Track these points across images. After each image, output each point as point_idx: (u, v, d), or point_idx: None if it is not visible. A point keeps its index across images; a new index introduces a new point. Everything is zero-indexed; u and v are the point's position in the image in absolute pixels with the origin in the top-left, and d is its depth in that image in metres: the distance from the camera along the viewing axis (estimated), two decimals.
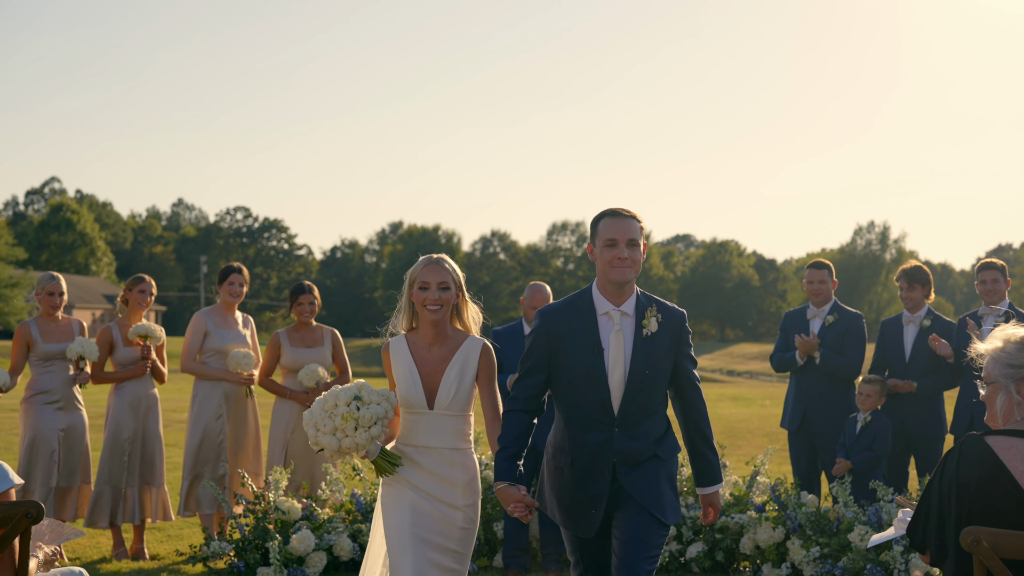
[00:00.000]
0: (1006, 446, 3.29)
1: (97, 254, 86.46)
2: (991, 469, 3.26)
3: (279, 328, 8.26)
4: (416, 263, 4.90)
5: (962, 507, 3.29)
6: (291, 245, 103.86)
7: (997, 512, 3.26)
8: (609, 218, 4.55)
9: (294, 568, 7.04)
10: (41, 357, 7.85)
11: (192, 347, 8.07)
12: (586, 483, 4.54)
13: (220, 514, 7.95)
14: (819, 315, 8.20)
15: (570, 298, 4.66)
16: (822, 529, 7.28)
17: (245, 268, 8.44)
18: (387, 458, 4.70)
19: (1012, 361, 3.36)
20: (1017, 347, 3.38)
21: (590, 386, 4.50)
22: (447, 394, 4.77)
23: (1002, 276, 7.66)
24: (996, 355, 3.41)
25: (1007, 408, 3.37)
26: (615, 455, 4.51)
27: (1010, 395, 3.36)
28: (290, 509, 7.22)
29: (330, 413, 4.55)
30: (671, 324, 4.58)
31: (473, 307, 4.99)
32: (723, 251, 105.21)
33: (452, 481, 4.77)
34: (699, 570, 7.47)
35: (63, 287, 8.03)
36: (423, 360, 4.84)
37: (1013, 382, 3.36)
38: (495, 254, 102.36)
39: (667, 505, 4.56)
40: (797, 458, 8.24)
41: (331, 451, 4.57)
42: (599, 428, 4.53)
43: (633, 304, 4.56)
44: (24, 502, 3.57)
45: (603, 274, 4.55)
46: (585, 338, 4.52)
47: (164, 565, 7.66)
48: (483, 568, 7.65)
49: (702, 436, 4.69)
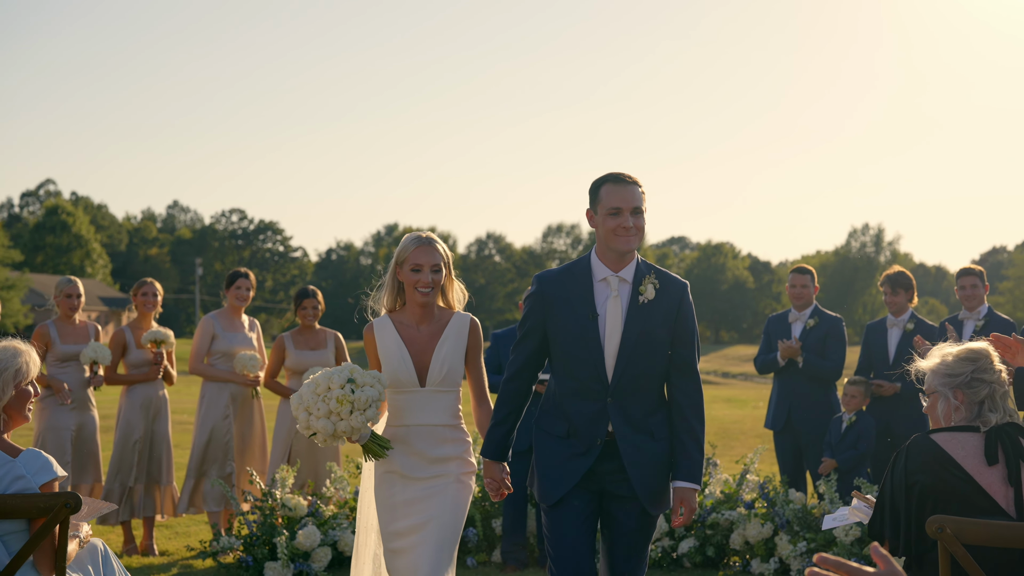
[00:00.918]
0: (948, 438, 3.74)
1: (92, 256, 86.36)
2: (937, 459, 3.68)
3: (275, 330, 8.53)
4: (405, 241, 4.82)
5: (915, 497, 3.69)
6: (286, 247, 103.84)
7: (947, 496, 3.63)
8: (612, 184, 4.38)
9: (300, 562, 7.29)
10: (58, 358, 8.11)
11: (200, 350, 8.33)
12: (577, 445, 4.39)
13: (227, 511, 8.22)
14: (800, 319, 8.51)
15: (568, 265, 4.52)
16: (809, 525, 7.54)
17: (252, 273, 8.71)
18: (377, 441, 4.64)
19: (949, 372, 3.85)
20: (955, 361, 3.86)
21: (584, 353, 4.36)
22: (439, 370, 4.73)
23: (980, 281, 7.95)
24: (936, 368, 3.89)
25: (947, 413, 3.84)
26: (610, 423, 4.36)
27: (948, 401, 3.84)
28: (296, 506, 7.48)
29: (323, 397, 4.45)
30: (670, 293, 4.40)
31: (458, 285, 4.94)
32: (718, 253, 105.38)
33: (444, 458, 4.74)
34: (691, 565, 7.73)
35: (80, 290, 8.31)
36: (411, 338, 4.78)
37: (951, 390, 3.83)
38: (490, 256, 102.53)
39: (659, 495, 4.42)
40: (783, 457, 8.55)
41: (325, 435, 4.47)
42: (592, 397, 4.38)
43: (632, 270, 4.41)
44: (64, 493, 3.75)
45: (605, 242, 4.39)
46: (581, 303, 4.38)
47: (174, 560, 7.92)
48: (482, 563, 7.89)
49: (688, 428, 4.42)
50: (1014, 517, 3.61)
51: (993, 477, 3.67)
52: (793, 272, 8.63)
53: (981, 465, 3.67)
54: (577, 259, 4.53)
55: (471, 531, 7.80)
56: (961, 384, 3.83)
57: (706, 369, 68.01)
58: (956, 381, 3.83)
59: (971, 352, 3.89)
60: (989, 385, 3.82)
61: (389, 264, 4.87)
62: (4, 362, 3.79)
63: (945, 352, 3.93)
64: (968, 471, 3.65)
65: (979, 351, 3.90)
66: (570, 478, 4.39)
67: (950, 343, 3.99)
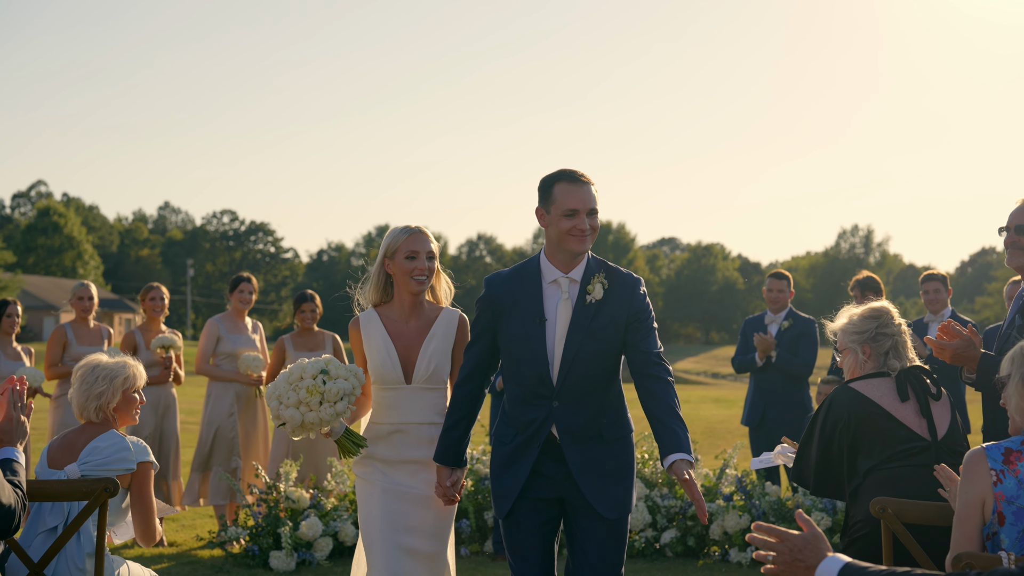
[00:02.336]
0: (863, 384, 4.32)
1: (84, 257, 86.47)
2: (858, 402, 4.25)
3: (267, 330, 8.97)
4: (394, 232, 4.69)
5: (847, 438, 4.25)
6: (277, 248, 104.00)
7: (872, 432, 4.19)
8: (567, 183, 4.22)
9: (303, 552, 7.72)
10: (74, 358, 8.53)
11: (206, 351, 8.77)
12: (518, 449, 4.29)
13: (233, 504, 8.65)
14: (776, 320, 9.03)
15: (518, 267, 4.40)
16: (784, 516, 7.97)
17: (254, 277, 9.15)
18: (352, 438, 4.54)
19: (856, 329, 4.43)
20: (860, 319, 4.44)
21: (530, 357, 4.23)
22: (426, 367, 4.61)
23: (943, 286, 8.43)
24: (845, 328, 4.48)
25: (854, 366, 4.42)
26: (555, 427, 4.24)
27: (857, 355, 4.41)
28: (299, 499, 7.91)
29: (295, 386, 4.38)
30: (621, 291, 4.26)
31: (446, 279, 4.82)
32: (708, 254, 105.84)
33: (428, 461, 4.58)
34: (672, 554, 8.16)
35: (92, 292, 8.75)
36: (398, 333, 4.66)
37: (859, 345, 4.40)
38: (481, 257, 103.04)
39: (610, 498, 4.27)
40: (757, 452, 9.02)
41: (293, 425, 4.39)
42: (539, 403, 4.25)
43: (582, 270, 4.27)
44: (103, 479, 4.15)
45: (557, 243, 4.23)
46: (529, 307, 4.25)
47: (183, 551, 8.34)
48: (475, 553, 8.31)
49: (666, 409, 4.16)
50: (928, 441, 4.16)
51: (907, 411, 4.22)
52: (771, 277, 9.14)
53: (896, 402, 4.24)
54: (527, 260, 4.39)
55: (464, 522, 8.22)
56: (868, 339, 4.39)
57: (695, 370, 68.43)
58: (863, 337, 4.40)
59: (873, 311, 4.45)
60: (892, 338, 4.38)
61: (376, 258, 4.75)
62: (116, 371, 4.53)
63: (851, 312, 4.50)
64: (886, 408, 4.22)
65: (881, 309, 4.46)
66: (515, 486, 4.29)
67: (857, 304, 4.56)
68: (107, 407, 4.51)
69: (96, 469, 4.35)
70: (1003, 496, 3.32)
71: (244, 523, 8.01)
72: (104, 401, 4.49)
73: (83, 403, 4.50)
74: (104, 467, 4.36)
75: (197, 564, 7.83)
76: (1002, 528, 3.31)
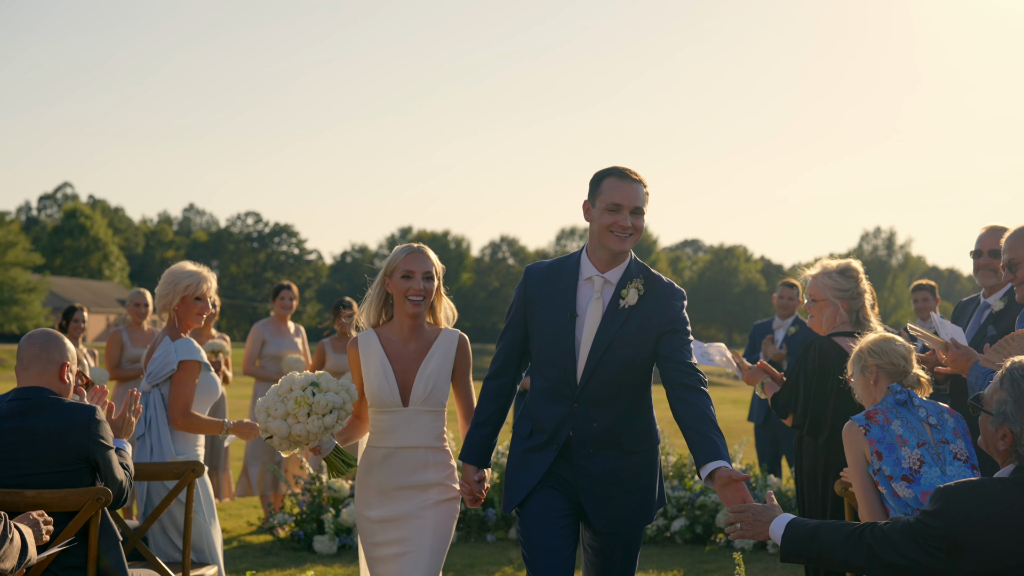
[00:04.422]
0: (841, 340, 4.94)
1: (110, 259, 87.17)
2: (838, 353, 4.86)
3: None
4: (395, 251, 4.65)
5: (828, 383, 4.84)
6: (301, 250, 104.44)
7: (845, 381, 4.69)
8: (615, 178, 4.09)
9: (344, 536, 8.49)
10: (130, 360, 9.33)
11: (252, 354, 9.56)
12: (538, 454, 4.18)
13: (278, 494, 9.42)
14: (783, 326, 9.72)
15: (559, 259, 4.29)
16: (785, 507, 8.63)
17: (294, 285, 9.93)
18: (341, 457, 4.49)
19: (839, 286, 4.97)
20: (841, 277, 4.98)
21: (557, 352, 4.12)
22: (423, 390, 4.52)
23: (932, 296, 9.15)
24: (826, 282, 5.00)
25: (833, 319, 4.98)
26: (572, 430, 4.12)
27: (837, 309, 4.99)
28: (340, 488, 8.68)
29: (283, 397, 4.31)
30: (656, 299, 4.11)
31: (448, 302, 4.73)
32: (730, 256, 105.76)
33: (424, 485, 4.52)
34: (681, 541, 8.83)
35: (147, 299, 9.55)
36: (396, 355, 4.57)
37: (840, 300, 4.99)
38: (504, 259, 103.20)
39: (613, 513, 4.16)
40: (762, 446, 9.75)
41: (280, 438, 4.30)
42: (560, 400, 4.13)
43: (620, 273, 4.15)
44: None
45: (598, 239, 4.12)
46: (561, 301, 4.14)
47: (234, 536, 9.12)
48: (500, 539, 8.94)
49: (702, 415, 3.96)
50: None
51: None
52: (782, 285, 9.83)
53: None
54: (569, 254, 4.27)
55: (491, 511, 8.93)
56: (848, 296, 4.98)
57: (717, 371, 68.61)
58: (845, 295, 5.00)
59: (851, 268, 5.01)
60: (861, 297, 5.00)
61: (376, 277, 4.70)
62: (181, 278, 5.19)
63: (826, 264, 5.05)
64: None
65: (852, 268, 5.01)
66: (533, 474, 4.15)
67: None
68: (170, 307, 5.17)
69: (154, 379, 5.13)
70: (874, 440, 4.06)
71: (290, 510, 8.79)
72: (167, 302, 5.16)
73: (157, 305, 5.26)
74: (158, 375, 5.13)
75: (248, 548, 8.60)
76: (881, 462, 4.02)
